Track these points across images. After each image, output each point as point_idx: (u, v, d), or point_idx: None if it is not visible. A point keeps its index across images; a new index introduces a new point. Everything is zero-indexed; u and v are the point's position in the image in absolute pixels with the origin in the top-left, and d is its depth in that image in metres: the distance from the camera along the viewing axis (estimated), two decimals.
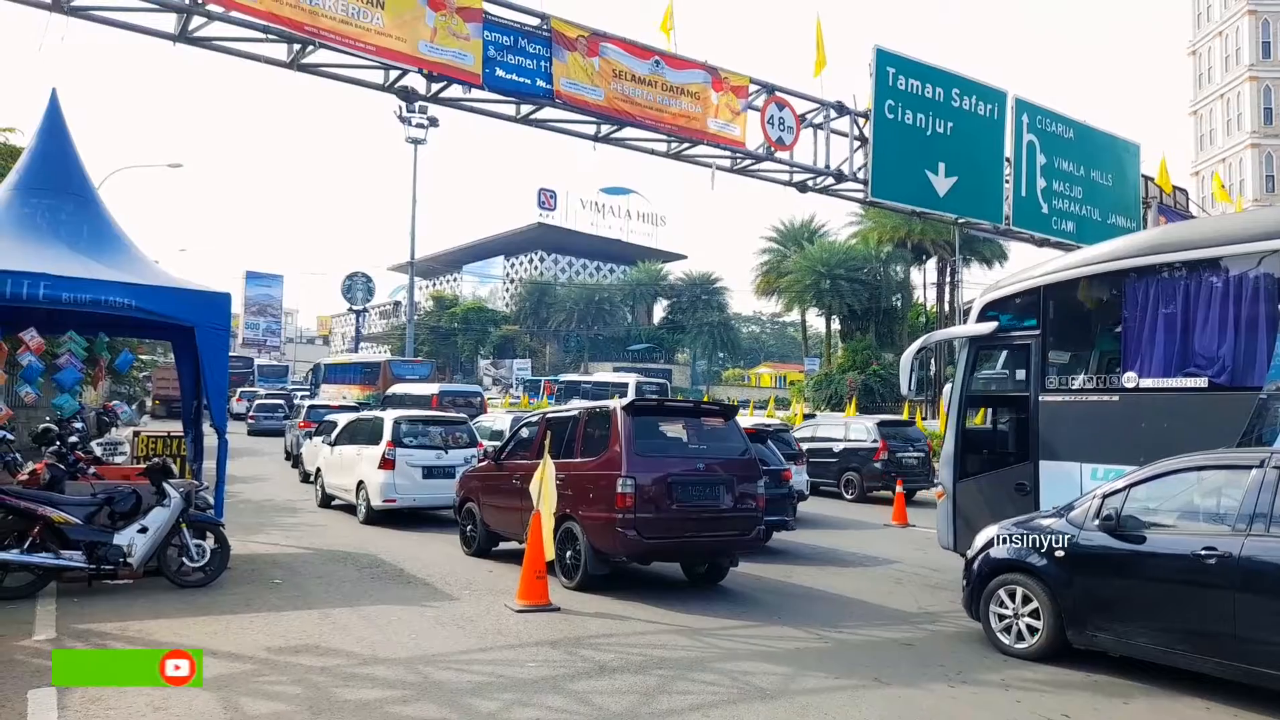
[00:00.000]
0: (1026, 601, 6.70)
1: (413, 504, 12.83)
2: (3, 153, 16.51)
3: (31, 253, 8.58)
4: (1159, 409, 7.68)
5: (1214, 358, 7.50)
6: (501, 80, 10.89)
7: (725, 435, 9.25)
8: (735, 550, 9.01)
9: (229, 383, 10.74)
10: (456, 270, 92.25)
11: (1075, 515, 6.55)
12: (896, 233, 47.00)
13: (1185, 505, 6.25)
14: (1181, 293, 7.77)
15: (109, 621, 6.95)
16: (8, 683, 5.45)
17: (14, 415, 13.39)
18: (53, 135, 9.70)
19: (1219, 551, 5.59)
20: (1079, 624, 6.40)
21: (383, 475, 12.63)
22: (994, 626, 6.91)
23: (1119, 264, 8.32)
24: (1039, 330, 8.74)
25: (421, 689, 5.62)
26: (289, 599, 7.97)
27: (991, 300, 9.42)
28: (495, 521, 10.21)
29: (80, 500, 8.06)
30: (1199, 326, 7.62)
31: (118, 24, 9.15)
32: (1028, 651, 6.66)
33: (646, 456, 8.38)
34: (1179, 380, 7.69)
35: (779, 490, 11.57)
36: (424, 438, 13.31)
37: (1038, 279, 9.00)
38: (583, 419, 9.23)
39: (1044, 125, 17.33)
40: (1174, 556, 5.91)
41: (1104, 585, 6.32)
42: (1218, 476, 6.14)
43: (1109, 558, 6.23)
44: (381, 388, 36.63)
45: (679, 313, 69.37)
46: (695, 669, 6.25)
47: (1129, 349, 8.07)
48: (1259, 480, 5.64)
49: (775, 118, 13.75)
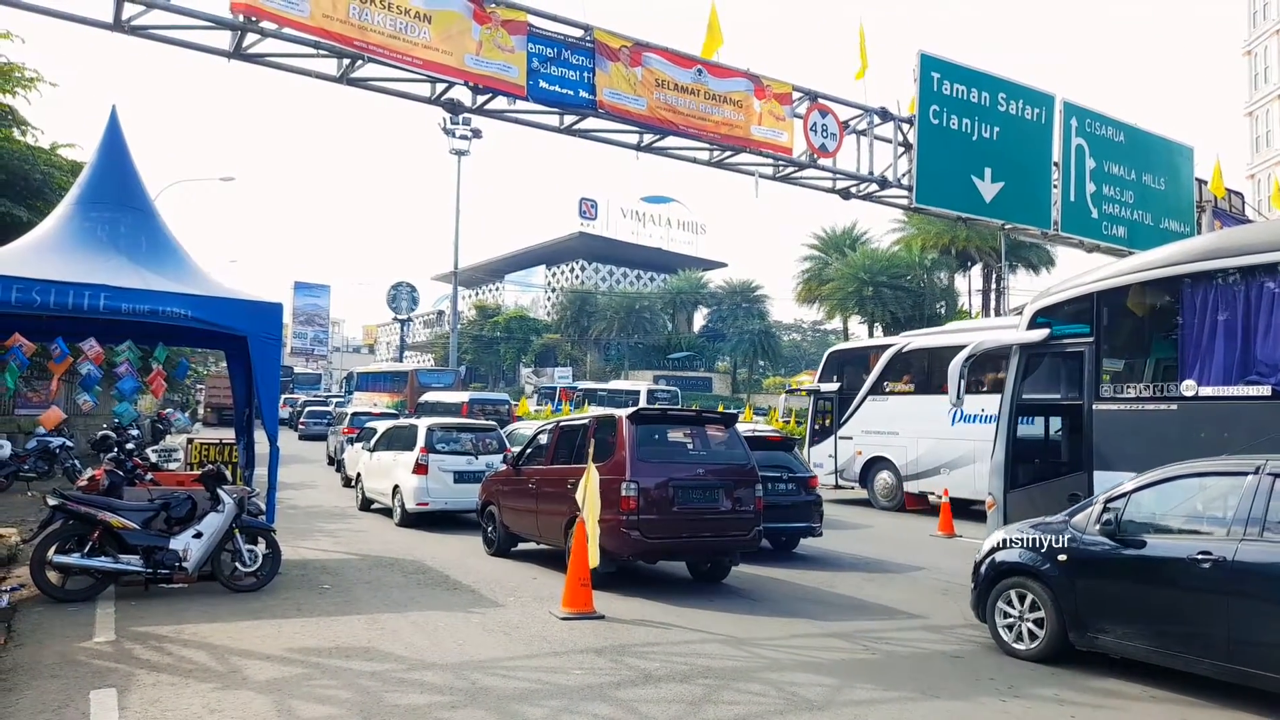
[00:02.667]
0: (1030, 604, 6.84)
1: (444, 507, 13.32)
2: (64, 167, 17.03)
3: (92, 264, 8.86)
4: (1219, 418, 7.53)
5: (1276, 365, 7.35)
6: (545, 91, 10.98)
7: (726, 442, 9.67)
8: (734, 550, 9.42)
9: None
10: (498, 279, 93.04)
11: (1078, 520, 6.67)
12: (941, 239, 46.46)
13: (1184, 511, 6.35)
14: (1241, 298, 7.62)
15: (165, 625, 7.12)
16: (71, 683, 5.60)
17: (70, 419, 13.78)
18: (112, 150, 10.01)
19: (1214, 556, 5.72)
20: (1081, 627, 6.52)
21: (416, 480, 13.22)
22: (999, 628, 7.05)
23: (1175, 269, 8.16)
24: (1092, 337, 8.61)
25: (470, 695, 5.67)
26: (338, 604, 8.09)
27: (1043, 307, 9.29)
28: (513, 523, 10.73)
29: (138, 506, 8.26)
30: (1260, 333, 7.46)
31: (175, 42, 9.39)
32: (1030, 653, 6.80)
33: (649, 462, 8.86)
34: (1240, 389, 7.52)
35: (807, 497, 11.85)
36: (455, 444, 13.85)
37: (1091, 285, 8.85)
38: (592, 427, 9.65)
39: (1093, 128, 17.00)
40: (1171, 560, 6.00)
41: (1105, 588, 6.43)
42: (1215, 483, 6.21)
43: (1109, 562, 6.35)
44: (408, 395, 38.15)
45: (719, 321, 69.23)
46: (741, 679, 6.22)
47: (1187, 356, 7.92)
48: (1253, 486, 5.77)
49: (818, 124, 13.67)
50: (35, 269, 8.45)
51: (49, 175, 15.98)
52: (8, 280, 8.16)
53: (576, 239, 79.39)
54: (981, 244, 44.14)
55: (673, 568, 10.27)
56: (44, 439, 16.25)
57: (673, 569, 10.31)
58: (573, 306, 73.88)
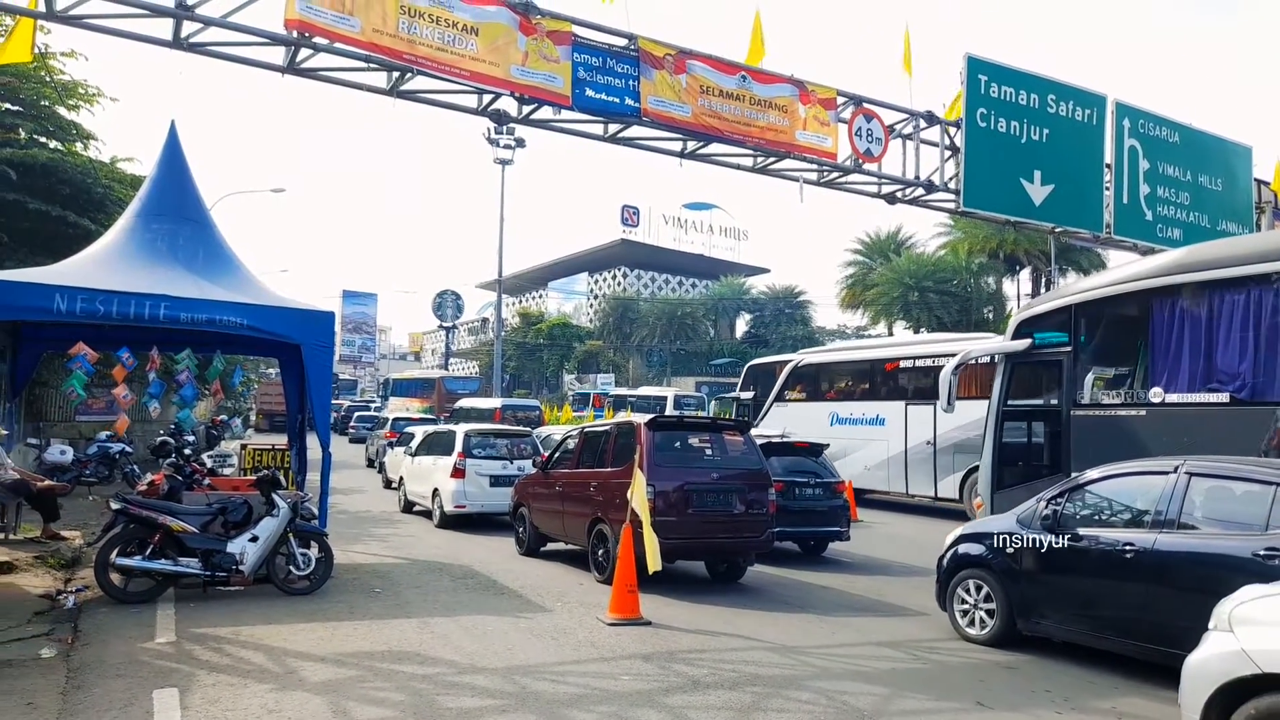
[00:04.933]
0: (985, 595, 7.47)
1: (480, 509, 13.73)
2: (124, 180, 17.55)
3: (153, 275, 9.12)
4: (1183, 422, 8.08)
5: (1235, 374, 7.87)
6: (590, 100, 11.05)
7: (740, 448, 10.08)
8: (748, 551, 9.79)
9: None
10: (542, 287, 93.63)
11: (1024, 516, 7.29)
12: (988, 243, 45.70)
13: (1114, 507, 6.93)
14: (1203, 311, 8.15)
15: (223, 626, 7.29)
16: (135, 682, 5.76)
17: (131, 426, 14.17)
18: (171, 164, 10.31)
19: (1136, 547, 6.32)
20: (1026, 613, 7.17)
21: (454, 483, 13.71)
22: (956, 615, 7.72)
23: (1144, 284, 8.70)
24: (1070, 347, 9.16)
25: (520, 699, 5.72)
26: (389, 607, 8.21)
27: (1026, 318, 9.85)
28: (542, 524, 11.32)
29: (196, 510, 8.48)
30: (1220, 344, 7.97)
31: (232, 58, 9.63)
32: (982, 637, 7.44)
33: (666, 467, 9.25)
34: (1201, 395, 8.05)
35: (835, 502, 12.21)
36: (491, 449, 14.34)
37: (1069, 298, 9.43)
38: (613, 433, 10.28)
39: (1147, 129, 16.61)
40: (1101, 552, 6.60)
41: (1046, 578, 7.03)
42: (1141, 481, 6.76)
43: (1050, 554, 6.94)
44: (436, 400, 41.10)
45: (762, 327, 68.80)
46: (790, 687, 6.19)
47: (1155, 365, 8.47)
48: (1172, 484, 6.34)
49: (863, 129, 13.57)
50: (98, 280, 8.71)
51: (110, 188, 16.48)
52: (73, 291, 8.42)
53: (619, 246, 79.53)
54: (1030, 247, 43.33)
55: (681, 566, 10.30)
56: (104, 444, 16.73)
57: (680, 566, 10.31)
58: (615, 313, 74.00)
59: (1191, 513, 6.25)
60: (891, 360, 18.69)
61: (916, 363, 18.04)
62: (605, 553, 9.58)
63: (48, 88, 16.13)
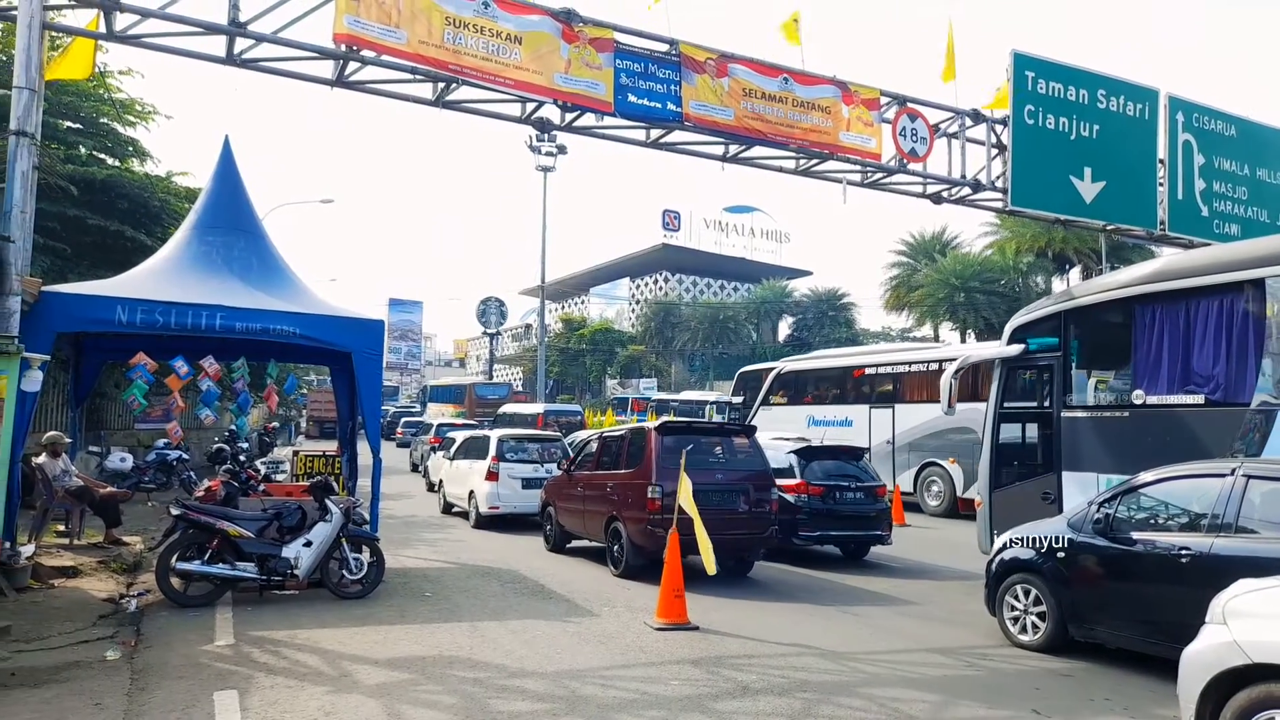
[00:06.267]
0: (1034, 599, 7.44)
1: (513, 510, 14.26)
2: (179, 194, 18.02)
3: (209, 286, 9.35)
4: (1163, 423, 8.44)
5: (1209, 376, 8.23)
6: (633, 106, 11.10)
7: (746, 450, 10.64)
8: (753, 546, 10.24)
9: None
10: (584, 292, 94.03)
11: (1075, 520, 7.25)
12: (1036, 242, 44.86)
13: (1169, 510, 6.83)
14: (1181, 317, 8.55)
15: (280, 630, 7.43)
16: (196, 684, 5.91)
17: (186, 434, 14.53)
18: (225, 177, 10.56)
19: (1192, 551, 6.21)
20: (1078, 619, 7.11)
21: (489, 485, 14.36)
22: (1006, 621, 7.68)
23: (1127, 291, 9.14)
24: (1060, 351, 9.57)
25: (570, 703, 5.75)
26: (439, 611, 8.30)
27: (1020, 324, 10.23)
28: (567, 522, 11.97)
29: (252, 515, 8.66)
30: (1196, 349, 8.37)
31: (282, 73, 9.87)
32: (1033, 643, 7.39)
33: (674, 468, 9.34)
34: (1179, 397, 8.43)
35: (877, 506, 12.30)
36: (523, 453, 14.90)
37: (1060, 305, 9.85)
38: (627, 438, 10.89)
39: (1201, 123, 16.20)
40: (1155, 556, 6.51)
41: (1098, 583, 6.99)
42: (1196, 484, 6.68)
43: (1102, 558, 6.92)
44: (468, 406, 43.32)
45: (804, 330, 68.22)
46: (840, 693, 6.13)
47: (1137, 368, 8.85)
48: (1229, 487, 6.26)
49: (907, 129, 13.43)
50: (157, 291, 8.97)
51: (166, 202, 16.91)
52: (133, 303, 8.68)
53: (660, 251, 79.56)
54: (1080, 245, 42.44)
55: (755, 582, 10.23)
56: (162, 452, 17.16)
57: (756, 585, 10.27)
58: (657, 318, 74.02)
59: (1250, 516, 6.11)
60: (858, 368, 21.07)
61: (879, 370, 20.39)
62: (620, 548, 10.28)
63: (106, 105, 16.62)
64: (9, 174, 8.16)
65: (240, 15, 9.29)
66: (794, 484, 11.82)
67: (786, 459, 12.18)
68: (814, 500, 11.73)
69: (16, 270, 7.87)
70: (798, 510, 11.59)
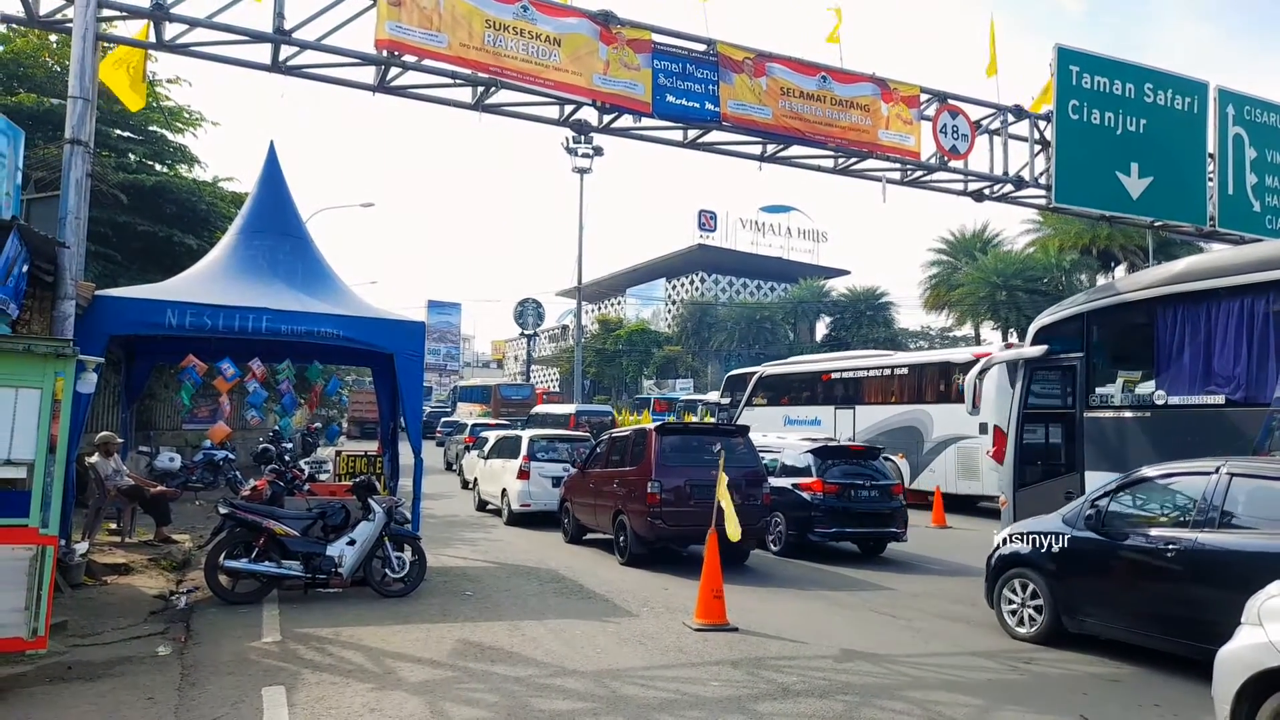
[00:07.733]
0: (1031, 593, 7.67)
1: (544, 508, 14.61)
2: (225, 199, 18.39)
3: (255, 289, 9.54)
4: (1185, 423, 8.54)
5: (1230, 377, 8.32)
6: (671, 106, 11.09)
7: (740, 449, 11.28)
8: (746, 537, 10.09)
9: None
10: (620, 293, 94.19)
11: (1069, 517, 7.48)
12: (1080, 239, 44.03)
13: (1157, 506, 7.08)
14: (1202, 318, 8.63)
15: (324, 627, 7.55)
16: (245, 680, 6.03)
17: (233, 435, 14.82)
18: (270, 183, 10.77)
19: (1178, 545, 6.47)
20: (1072, 611, 7.35)
21: (520, 484, 14.89)
22: (1004, 614, 7.93)
23: (1149, 293, 9.24)
24: (1083, 352, 9.70)
25: (610, 703, 5.77)
26: (480, 610, 8.38)
27: (1042, 325, 10.38)
28: (581, 516, 12.74)
29: (298, 514, 8.81)
30: (1217, 350, 8.45)
31: (326, 79, 10.01)
32: (1030, 635, 7.61)
33: (671, 465, 10.76)
34: (1201, 398, 8.52)
35: (892, 504, 12.61)
36: (553, 453, 15.40)
37: (1082, 306, 9.98)
38: (631, 438, 11.75)
39: (1253, 116, 15.78)
40: (1144, 550, 6.74)
41: (1089, 576, 7.24)
42: (1183, 482, 6.90)
43: (1095, 553, 7.14)
44: (493, 406, 45.17)
45: (842, 329, 67.60)
46: (881, 696, 6.09)
47: (1159, 369, 8.97)
48: (1214, 484, 6.48)
49: (948, 126, 13.25)
50: (205, 295, 9.16)
51: (213, 206, 17.29)
52: (182, 306, 8.88)
53: (696, 251, 79.39)
54: (1126, 242, 41.57)
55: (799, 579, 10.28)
56: (209, 452, 17.53)
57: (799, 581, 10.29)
58: (693, 318, 73.89)
59: (1233, 512, 6.38)
60: (825, 373, 23.17)
61: (842, 375, 22.43)
62: (624, 538, 11.21)
63: (155, 113, 17.01)
64: (64, 181, 8.37)
65: (285, 23, 9.43)
66: (811, 482, 12.22)
67: (804, 459, 12.60)
68: (830, 498, 12.10)
69: (71, 275, 8.08)
70: (814, 508, 12.01)
